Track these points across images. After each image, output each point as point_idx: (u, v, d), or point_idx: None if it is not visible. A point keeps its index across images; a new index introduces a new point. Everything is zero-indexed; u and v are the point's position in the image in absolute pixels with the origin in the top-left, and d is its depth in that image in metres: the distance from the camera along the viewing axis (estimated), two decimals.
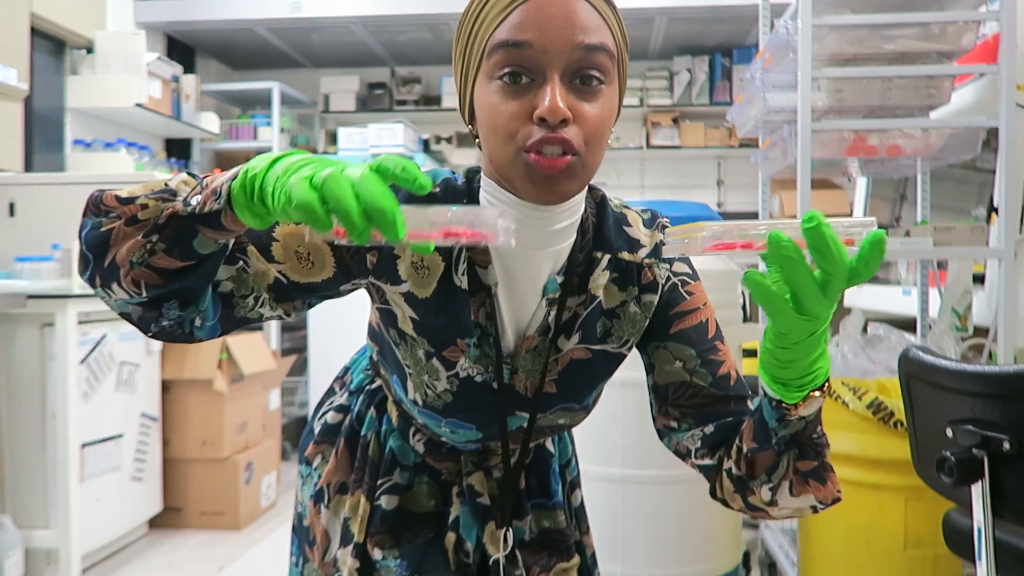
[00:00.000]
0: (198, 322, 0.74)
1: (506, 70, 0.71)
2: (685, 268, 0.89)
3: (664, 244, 0.61)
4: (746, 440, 0.78)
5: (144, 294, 0.67)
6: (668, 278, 0.87)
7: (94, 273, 0.68)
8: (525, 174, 0.71)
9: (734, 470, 0.81)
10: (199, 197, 0.62)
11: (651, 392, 0.90)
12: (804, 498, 0.78)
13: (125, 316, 0.72)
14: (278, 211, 0.55)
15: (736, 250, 0.57)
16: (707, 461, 0.85)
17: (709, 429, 0.84)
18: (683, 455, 0.88)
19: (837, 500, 0.80)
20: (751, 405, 0.86)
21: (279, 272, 0.76)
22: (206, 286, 0.72)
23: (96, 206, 0.66)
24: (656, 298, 0.86)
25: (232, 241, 0.71)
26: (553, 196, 0.73)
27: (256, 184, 0.57)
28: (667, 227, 0.88)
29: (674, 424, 0.87)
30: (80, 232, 0.68)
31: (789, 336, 0.63)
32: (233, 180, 0.59)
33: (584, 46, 0.70)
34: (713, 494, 0.87)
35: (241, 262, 0.75)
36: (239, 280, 0.75)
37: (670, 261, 0.87)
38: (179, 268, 0.66)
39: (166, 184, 0.66)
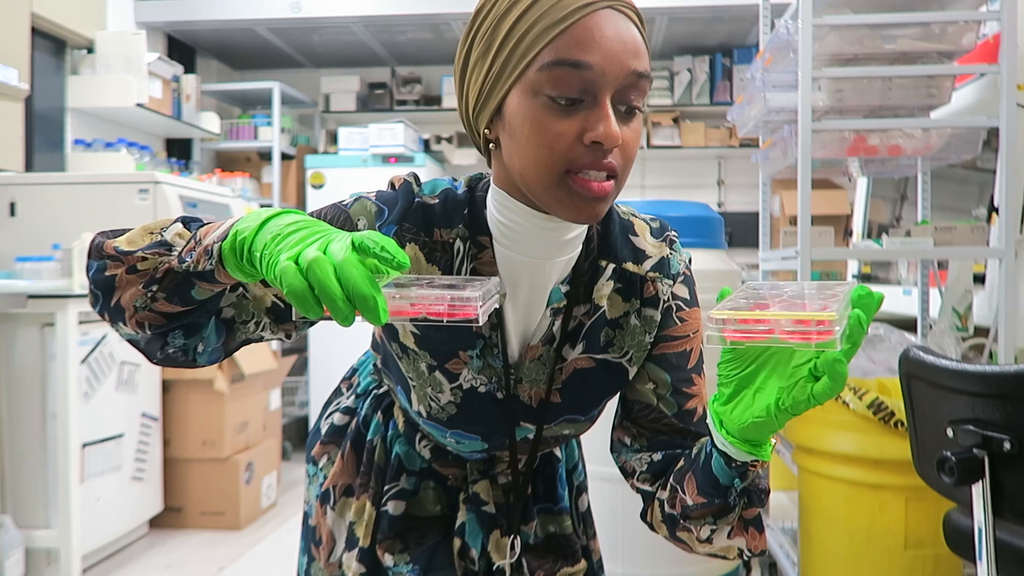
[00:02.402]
0: (200, 348, 0.75)
1: (562, 90, 0.68)
2: (685, 293, 0.87)
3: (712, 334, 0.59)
4: (690, 494, 0.77)
5: (149, 333, 0.70)
6: (668, 299, 0.86)
7: (103, 310, 0.70)
8: (568, 197, 0.70)
9: (667, 507, 0.81)
10: (193, 254, 0.63)
11: (619, 401, 0.90)
12: (737, 540, 0.78)
13: (133, 344, 0.74)
14: (268, 278, 0.55)
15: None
16: (646, 487, 0.86)
17: (657, 456, 0.85)
18: (628, 473, 0.89)
19: (762, 552, 0.82)
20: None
21: (275, 296, 0.76)
22: (209, 319, 0.74)
23: (98, 251, 0.68)
24: (657, 314, 0.85)
25: None
26: (592, 219, 0.72)
27: (245, 248, 0.58)
28: (687, 261, 0.89)
29: (628, 441, 0.87)
30: (87, 272, 0.70)
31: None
32: (224, 240, 0.60)
33: (636, 73, 0.69)
34: (643, 516, 0.88)
35: (241, 288, 0.75)
36: (240, 306, 0.76)
37: (673, 280, 0.86)
38: (181, 311, 0.68)
39: (162, 234, 0.67)
